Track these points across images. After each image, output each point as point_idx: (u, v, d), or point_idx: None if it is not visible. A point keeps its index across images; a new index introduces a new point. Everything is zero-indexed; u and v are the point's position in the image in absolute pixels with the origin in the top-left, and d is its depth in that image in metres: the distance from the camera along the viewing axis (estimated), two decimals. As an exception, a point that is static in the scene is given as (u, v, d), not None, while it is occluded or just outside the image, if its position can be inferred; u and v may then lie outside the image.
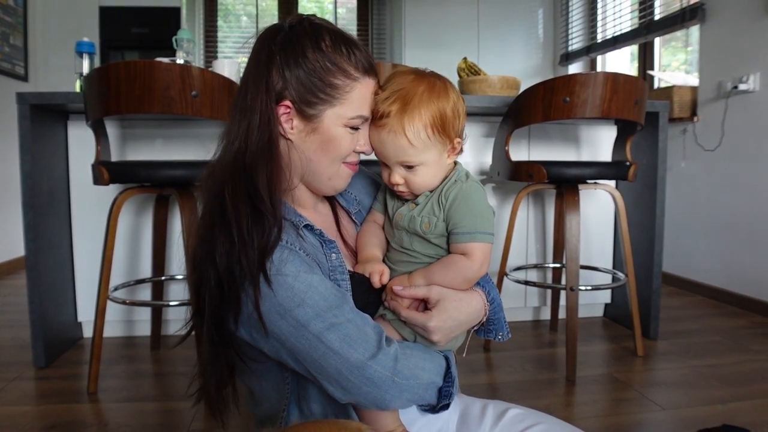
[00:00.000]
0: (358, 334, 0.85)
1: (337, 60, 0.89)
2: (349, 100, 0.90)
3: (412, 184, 0.94)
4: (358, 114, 0.91)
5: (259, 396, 0.98)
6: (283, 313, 0.83)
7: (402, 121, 0.89)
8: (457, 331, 0.94)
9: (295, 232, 0.90)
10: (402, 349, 0.89)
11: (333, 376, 0.84)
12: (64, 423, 1.80)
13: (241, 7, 5.89)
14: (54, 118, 2.36)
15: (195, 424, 1.79)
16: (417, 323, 0.92)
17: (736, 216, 3.25)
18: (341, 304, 0.86)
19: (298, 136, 0.92)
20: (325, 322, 0.83)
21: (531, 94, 2.13)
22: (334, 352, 0.83)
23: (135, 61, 1.79)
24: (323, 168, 0.94)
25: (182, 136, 2.53)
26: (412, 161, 0.91)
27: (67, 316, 2.49)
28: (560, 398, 2.01)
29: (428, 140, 0.90)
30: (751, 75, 3.09)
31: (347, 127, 0.92)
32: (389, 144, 0.91)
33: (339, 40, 0.91)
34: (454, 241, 0.93)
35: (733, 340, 2.61)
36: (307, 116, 0.91)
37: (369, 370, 0.83)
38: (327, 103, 0.90)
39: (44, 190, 2.27)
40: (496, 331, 1.01)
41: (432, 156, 0.92)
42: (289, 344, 0.84)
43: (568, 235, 2.19)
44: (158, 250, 2.41)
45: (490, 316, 0.99)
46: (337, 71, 0.89)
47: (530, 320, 2.96)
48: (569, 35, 5.28)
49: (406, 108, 0.89)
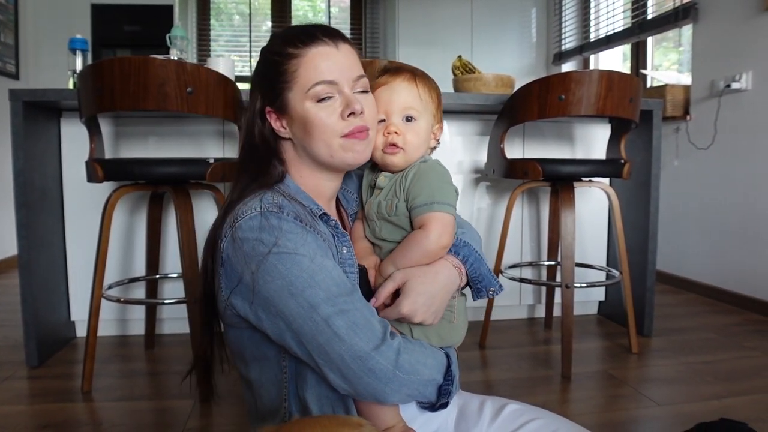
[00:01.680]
0: (365, 323, 0.85)
1: (281, 50, 0.94)
2: (299, 76, 0.93)
3: (406, 137, 0.99)
4: (313, 82, 0.92)
5: (257, 388, 0.97)
6: (294, 293, 0.83)
7: (417, 77, 1.02)
8: (436, 303, 0.93)
9: (311, 219, 0.91)
10: (405, 343, 0.89)
11: (335, 363, 0.84)
12: (58, 422, 1.78)
13: (234, 6, 5.87)
14: (47, 115, 2.34)
15: (190, 422, 1.77)
16: (393, 317, 0.92)
17: (729, 214, 3.27)
18: (351, 292, 0.87)
19: (290, 131, 0.98)
20: (335, 307, 0.84)
21: (526, 91, 2.13)
22: (339, 338, 0.83)
23: (130, 57, 1.78)
24: (318, 149, 0.95)
25: (177, 134, 2.52)
26: (416, 111, 1.00)
27: (61, 315, 2.48)
28: (556, 395, 2.01)
29: (430, 103, 1.02)
30: (743, 74, 3.11)
31: (314, 101, 0.93)
32: (401, 91, 1.00)
33: (288, 37, 0.95)
34: (413, 216, 0.96)
35: (727, 337, 2.62)
36: (281, 109, 0.96)
37: (371, 361, 0.83)
38: (285, 89, 0.94)
39: (37, 188, 2.25)
40: (485, 287, 1.00)
41: (427, 120, 1.02)
42: (295, 325, 0.84)
43: (563, 233, 2.20)
44: (153, 248, 2.40)
45: (471, 274, 0.99)
46: (283, 59, 0.93)
47: (525, 318, 2.97)
48: (562, 34, 5.29)
49: (418, 73, 1.03)
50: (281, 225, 0.86)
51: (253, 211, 0.87)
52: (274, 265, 0.84)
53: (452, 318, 0.99)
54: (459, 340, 1.02)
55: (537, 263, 2.88)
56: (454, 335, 1.00)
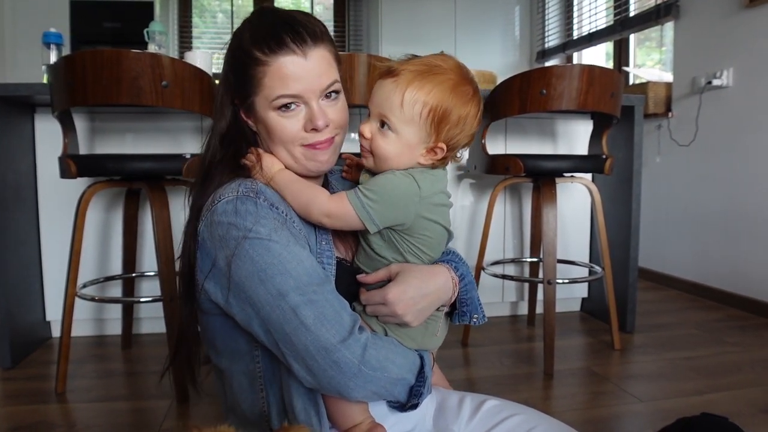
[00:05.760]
0: (333, 315, 0.83)
1: (250, 51, 0.89)
2: (266, 85, 0.89)
3: (374, 144, 0.89)
4: (277, 94, 0.89)
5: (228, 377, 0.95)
6: (264, 279, 0.82)
7: (409, 83, 0.86)
8: (422, 304, 0.90)
9: (287, 207, 0.89)
10: (374, 339, 0.87)
11: (301, 354, 0.82)
12: (30, 424, 1.74)
13: (217, 3, 5.81)
14: (20, 110, 2.28)
15: (166, 423, 1.74)
16: (376, 300, 0.89)
17: (710, 210, 3.28)
18: (323, 282, 0.85)
19: (258, 128, 0.96)
20: (304, 297, 0.82)
21: (508, 86, 2.12)
22: (306, 328, 0.81)
23: (103, 49, 1.74)
24: (281, 155, 0.94)
25: (153, 130, 2.47)
26: (391, 121, 0.87)
27: (35, 315, 2.42)
28: (538, 392, 2.00)
29: (416, 118, 0.86)
30: (724, 70, 3.12)
31: (277, 110, 0.90)
32: (384, 92, 0.87)
33: (257, 35, 0.90)
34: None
35: (709, 333, 2.63)
36: (249, 110, 0.94)
37: (337, 354, 0.81)
38: (253, 93, 0.91)
39: (9, 185, 2.20)
40: (470, 312, 0.97)
41: (409, 135, 0.87)
42: (263, 312, 0.83)
43: (546, 229, 2.19)
44: (129, 246, 2.35)
45: (461, 294, 0.96)
46: (250, 62, 0.89)
47: (508, 315, 2.96)
48: (546, 32, 5.30)
49: (423, 77, 0.86)
50: (257, 210, 0.85)
51: (229, 195, 0.86)
52: (246, 250, 0.82)
53: (436, 330, 0.96)
54: (434, 348, 0.99)
55: (519, 260, 2.87)
56: (428, 342, 0.96)
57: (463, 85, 0.89)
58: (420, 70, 0.87)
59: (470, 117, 0.90)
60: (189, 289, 0.94)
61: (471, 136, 0.93)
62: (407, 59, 0.90)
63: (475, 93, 0.91)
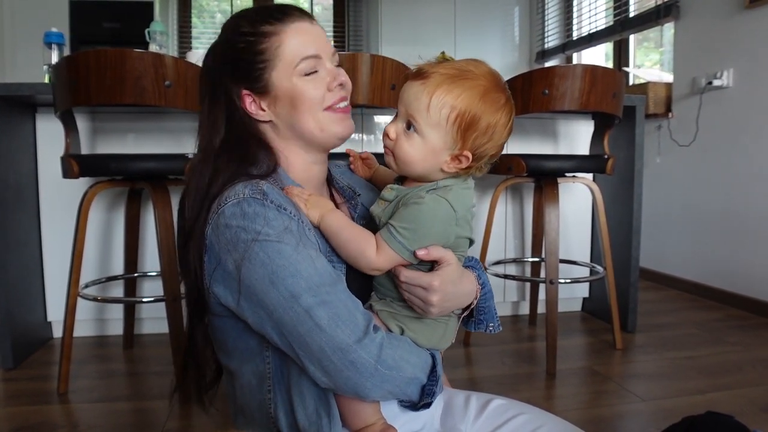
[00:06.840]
0: (347, 315, 0.82)
1: (256, 29, 0.91)
2: (283, 53, 0.91)
3: (398, 147, 0.87)
4: (300, 57, 0.91)
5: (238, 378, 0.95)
6: (276, 282, 0.81)
7: (438, 85, 0.83)
8: (452, 302, 0.89)
9: (296, 209, 0.88)
10: (389, 338, 0.86)
11: (316, 355, 0.81)
12: (33, 425, 1.74)
13: (216, 4, 5.81)
14: (21, 110, 2.28)
15: (169, 423, 1.74)
16: (422, 282, 0.86)
17: (711, 210, 3.28)
18: (335, 282, 0.84)
19: (272, 112, 0.94)
20: (316, 298, 0.81)
21: (510, 86, 2.12)
22: (321, 329, 0.80)
23: (106, 49, 1.74)
24: (307, 124, 0.93)
25: (156, 130, 2.47)
26: (417, 122, 0.84)
27: (37, 315, 2.42)
28: (541, 391, 2.00)
29: (443, 122, 0.83)
30: (724, 71, 3.13)
31: (301, 76, 0.91)
32: (412, 93, 0.84)
33: (257, 16, 0.92)
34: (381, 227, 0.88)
35: (710, 333, 2.64)
36: (263, 91, 0.93)
37: (353, 354, 0.81)
38: (267, 69, 0.91)
39: (10, 185, 2.20)
40: (487, 321, 0.97)
41: (434, 139, 0.84)
42: (276, 315, 0.82)
43: (548, 228, 2.19)
44: (131, 246, 2.35)
45: (480, 303, 0.96)
46: (260, 37, 0.90)
47: (509, 315, 2.96)
48: (545, 33, 5.31)
49: (453, 81, 0.83)
50: (266, 212, 0.83)
51: (236, 197, 0.85)
52: (256, 253, 0.81)
53: (453, 331, 0.96)
54: (444, 347, 0.99)
55: (521, 260, 2.88)
56: (443, 343, 0.96)
57: (494, 92, 0.85)
58: (450, 74, 0.84)
59: (500, 126, 0.86)
60: (197, 309, 0.93)
61: (500, 147, 0.89)
62: (438, 62, 0.87)
63: (507, 101, 0.87)
